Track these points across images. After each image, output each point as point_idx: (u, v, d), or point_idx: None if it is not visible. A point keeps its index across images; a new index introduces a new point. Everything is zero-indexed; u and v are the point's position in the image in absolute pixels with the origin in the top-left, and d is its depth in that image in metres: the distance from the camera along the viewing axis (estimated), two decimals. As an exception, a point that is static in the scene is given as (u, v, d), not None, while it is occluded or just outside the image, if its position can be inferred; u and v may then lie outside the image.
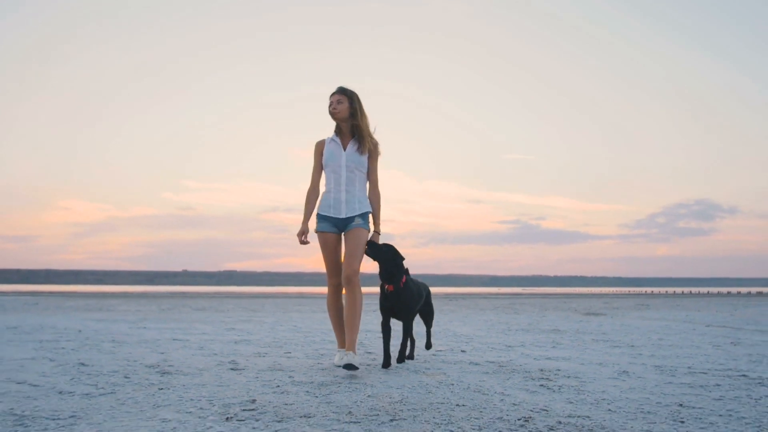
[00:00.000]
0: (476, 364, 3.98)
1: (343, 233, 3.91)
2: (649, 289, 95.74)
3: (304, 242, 3.91)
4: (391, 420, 2.33)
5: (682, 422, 2.30)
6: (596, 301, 22.34)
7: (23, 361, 4.03)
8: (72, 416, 2.38)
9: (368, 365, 3.90)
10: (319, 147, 4.00)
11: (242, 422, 2.29)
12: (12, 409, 2.51)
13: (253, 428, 2.20)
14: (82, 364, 3.89)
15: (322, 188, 4.01)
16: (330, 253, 3.92)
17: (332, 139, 3.96)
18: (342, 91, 3.92)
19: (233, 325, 7.93)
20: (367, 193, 3.96)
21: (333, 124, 4.01)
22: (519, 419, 2.34)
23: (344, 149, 3.90)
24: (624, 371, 3.65)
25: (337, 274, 3.92)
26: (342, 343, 3.94)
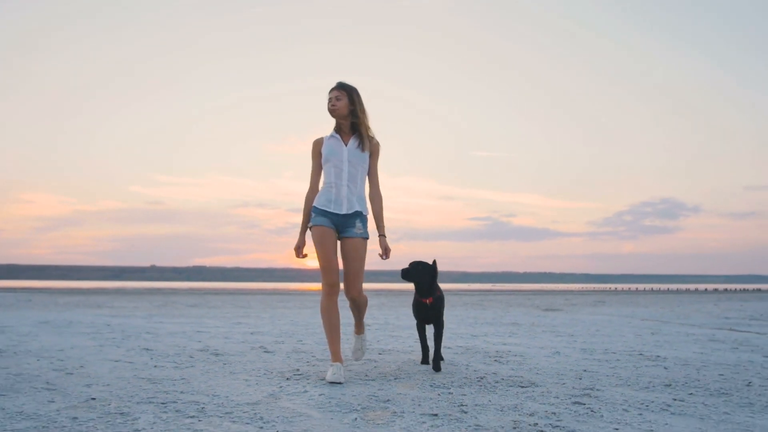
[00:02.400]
0: (448, 347, 5.25)
1: (340, 235, 3.70)
2: (613, 286, 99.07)
3: (301, 257, 3.72)
4: (395, 379, 3.57)
5: (580, 379, 3.60)
6: (558, 298, 23.96)
7: (96, 347, 5.15)
8: (182, 379, 3.56)
9: (367, 348, 5.13)
10: (317, 145, 3.79)
11: (298, 381, 3.51)
12: (136, 375, 3.68)
13: (308, 383, 3.42)
14: (147, 349, 5.03)
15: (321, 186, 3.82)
16: (325, 249, 3.60)
17: (332, 136, 3.76)
18: (341, 87, 3.73)
19: (237, 320, 9.07)
20: (368, 193, 3.83)
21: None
22: (477, 378, 3.60)
23: (345, 145, 3.71)
24: (557, 352, 4.97)
25: (333, 273, 3.62)
26: (336, 357, 3.55)
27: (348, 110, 3.71)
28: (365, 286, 3.87)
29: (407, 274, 3.97)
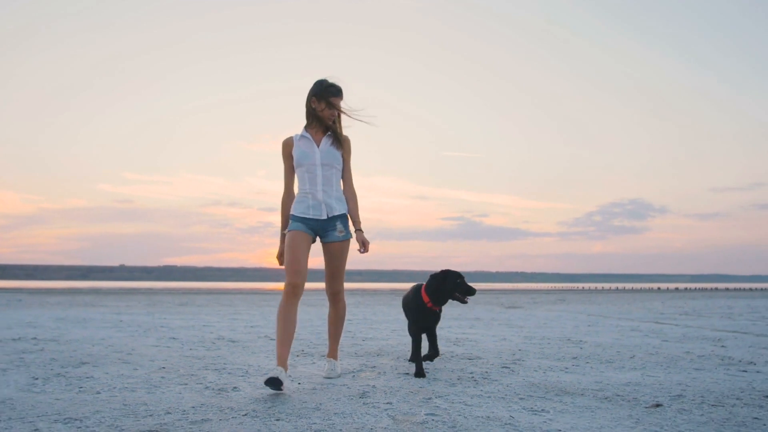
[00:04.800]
0: (418, 336, 6.51)
1: (322, 240, 3.63)
2: (580, 285, 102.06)
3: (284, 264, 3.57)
4: (378, 355, 4.81)
5: (513, 354, 4.88)
6: (524, 296, 25.50)
7: (129, 337, 6.25)
8: (218, 356, 4.73)
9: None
10: (288, 147, 3.64)
11: (306, 357, 4.71)
12: (180, 354, 4.83)
13: (314, 358, 4.63)
14: (173, 338, 6.16)
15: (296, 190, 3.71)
16: (295, 251, 3.48)
17: (302, 136, 3.61)
18: (342, 95, 3.64)
19: (232, 316, 10.19)
20: (342, 191, 3.70)
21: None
22: (445, 357, 4.87)
23: (317, 145, 3.58)
24: (504, 338, 6.26)
25: (298, 274, 3.47)
26: (281, 361, 3.34)
27: None
28: (346, 285, 4.02)
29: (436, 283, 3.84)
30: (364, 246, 3.65)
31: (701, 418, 2.65)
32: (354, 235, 3.68)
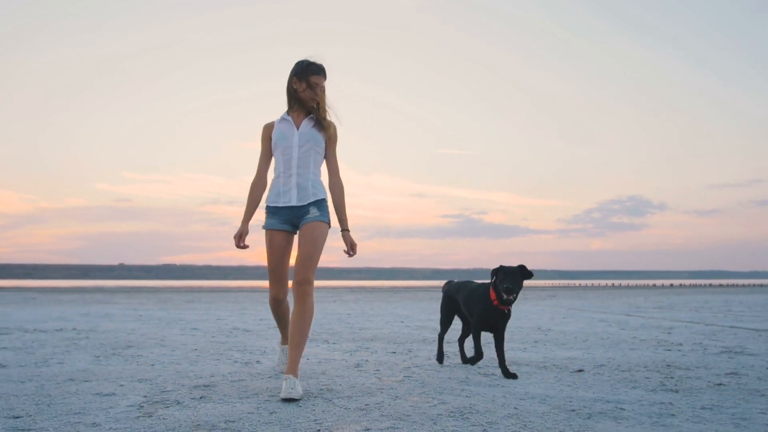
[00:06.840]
0: (409, 326, 7.42)
1: (297, 228, 3.33)
2: (577, 282, 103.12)
3: (241, 247, 3.36)
4: (371, 340, 5.74)
5: (487, 340, 5.80)
6: (517, 293, 26.50)
7: (155, 329, 7.16)
8: (238, 341, 5.64)
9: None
10: (268, 130, 3.45)
11: (313, 342, 5.63)
12: (206, 340, 5.74)
13: (318, 343, 5.55)
14: (194, 329, 7.08)
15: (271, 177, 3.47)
16: (275, 256, 3.34)
17: (283, 119, 3.41)
18: (325, 75, 3.41)
19: (240, 311, 11.10)
20: (325, 181, 3.43)
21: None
22: (422, 339, 5.79)
23: (297, 128, 3.35)
24: (483, 328, 7.17)
25: (280, 284, 3.40)
26: (286, 339, 3.51)
27: None
28: (322, 283, 4.77)
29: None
30: (351, 248, 3.36)
31: (607, 378, 3.57)
32: (340, 231, 3.40)
